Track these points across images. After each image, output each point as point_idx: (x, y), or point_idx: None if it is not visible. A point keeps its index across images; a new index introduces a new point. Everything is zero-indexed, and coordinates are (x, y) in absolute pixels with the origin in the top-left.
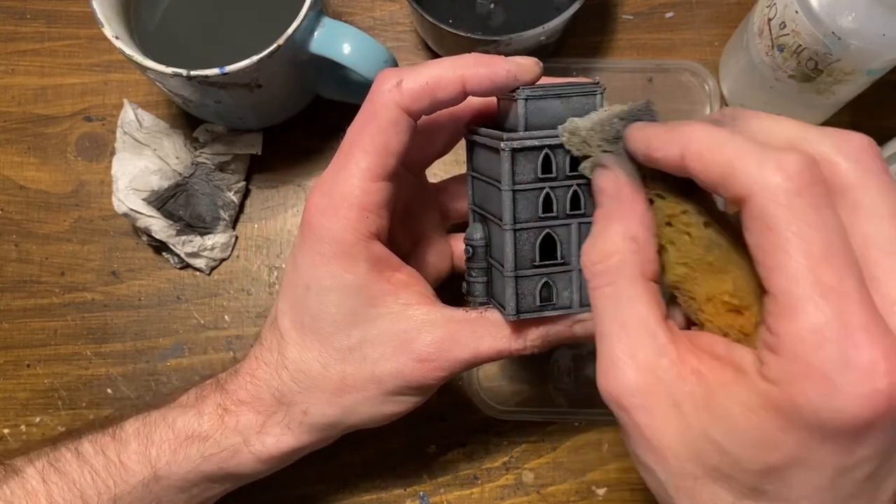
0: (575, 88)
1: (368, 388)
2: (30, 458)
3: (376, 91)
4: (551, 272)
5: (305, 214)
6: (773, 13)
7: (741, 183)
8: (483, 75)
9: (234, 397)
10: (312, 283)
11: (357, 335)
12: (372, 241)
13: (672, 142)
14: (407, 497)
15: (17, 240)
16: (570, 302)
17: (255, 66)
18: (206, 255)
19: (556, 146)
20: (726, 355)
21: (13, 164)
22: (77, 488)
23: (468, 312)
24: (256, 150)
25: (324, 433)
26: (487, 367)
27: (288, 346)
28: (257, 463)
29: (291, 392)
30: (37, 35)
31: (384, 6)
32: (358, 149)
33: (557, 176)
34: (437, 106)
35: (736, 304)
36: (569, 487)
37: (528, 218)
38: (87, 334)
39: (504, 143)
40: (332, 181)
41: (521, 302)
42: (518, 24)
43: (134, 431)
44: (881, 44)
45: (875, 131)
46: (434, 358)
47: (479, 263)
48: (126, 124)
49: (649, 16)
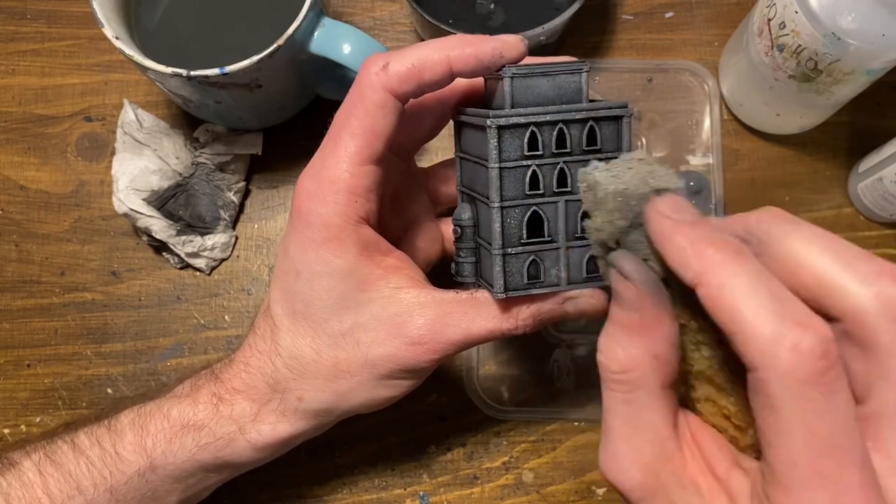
0: (560, 67)
1: (362, 372)
2: (26, 451)
3: (363, 75)
4: (539, 250)
5: (295, 200)
6: (773, 13)
7: (750, 352)
8: (469, 55)
9: (228, 386)
10: (303, 269)
11: (349, 320)
12: (361, 225)
13: (692, 261)
14: (407, 497)
15: (17, 240)
16: (558, 280)
17: (255, 66)
18: (206, 255)
19: (542, 123)
20: (725, 479)
21: (13, 164)
22: (73, 479)
23: (459, 294)
24: (256, 150)
25: (319, 419)
26: (487, 367)
27: (281, 334)
28: (253, 451)
29: (285, 379)
30: (37, 35)
31: (384, 6)
32: (345, 133)
33: (544, 153)
34: (424, 88)
35: (734, 423)
36: (569, 487)
37: (514, 195)
38: (87, 334)
39: (490, 119)
40: (321, 166)
41: (509, 280)
42: (518, 24)
43: (129, 422)
44: (881, 44)
45: (875, 131)
46: (426, 340)
47: (468, 244)
48: (126, 124)
49: (649, 16)
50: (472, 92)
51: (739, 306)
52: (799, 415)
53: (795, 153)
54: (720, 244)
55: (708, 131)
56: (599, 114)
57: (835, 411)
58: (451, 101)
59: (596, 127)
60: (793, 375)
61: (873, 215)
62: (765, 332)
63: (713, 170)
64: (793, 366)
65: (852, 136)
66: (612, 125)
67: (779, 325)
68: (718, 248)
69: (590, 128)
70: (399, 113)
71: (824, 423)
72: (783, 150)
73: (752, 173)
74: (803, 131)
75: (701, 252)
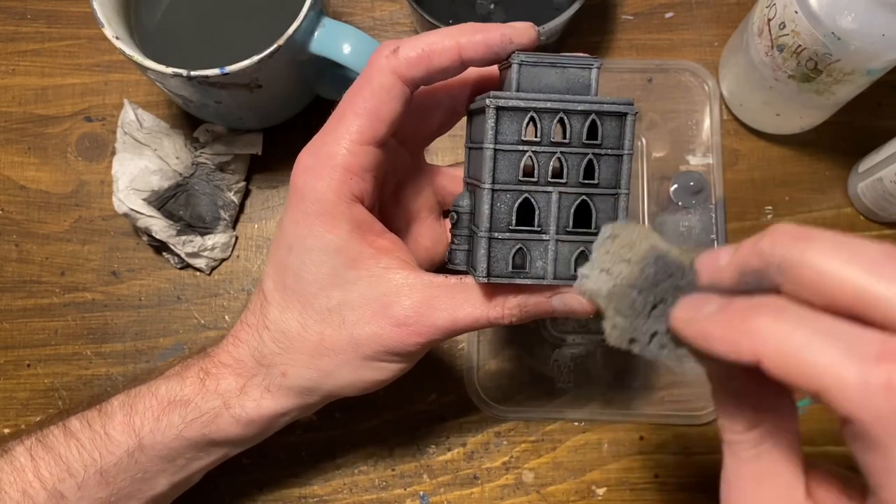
0: (571, 60)
1: (346, 351)
2: (20, 438)
3: (373, 58)
4: (526, 238)
5: (293, 175)
6: (773, 13)
7: (842, 404)
8: (479, 41)
9: (215, 360)
10: (295, 242)
11: (337, 297)
12: (354, 203)
13: (743, 344)
14: (407, 497)
15: (17, 240)
16: (544, 273)
17: (255, 67)
18: (207, 255)
19: (543, 110)
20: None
21: (13, 164)
22: (63, 462)
23: (448, 278)
24: (256, 150)
25: (303, 397)
26: (487, 367)
27: (270, 307)
28: (238, 427)
29: (271, 353)
30: (37, 35)
31: (384, 6)
32: (349, 112)
33: (542, 141)
34: (433, 74)
35: None
36: (569, 487)
37: (507, 180)
38: (87, 334)
39: (490, 100)
40: (321, 142)
41: (493, 266)
42: None
43: (119, 404)
44: (881, 44)
45: (875, 131)
46: (412, 322)
47: (463, 231)
48: (126, 124)
49: (649, 16)
50: (484, 84)
51: (812, 363)
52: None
53: (795, 153)
54: (757, 309)
55: (708, 131)
56: (603, 108)
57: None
58: (461, 95)
59: (598, 121)
60: (892, 418)
61: (873, 215)
62: (849, 379)
63: (713, 170)
64: (890, 409)
65: (852, 136)
66: (615, 121)
67: (860, 366)
68: (760, 315)
69: (591, 121)
70: (406, 99)
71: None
72: (783, 150)
73: (752, 173)
74: (803, 131)
75: (747, 331)
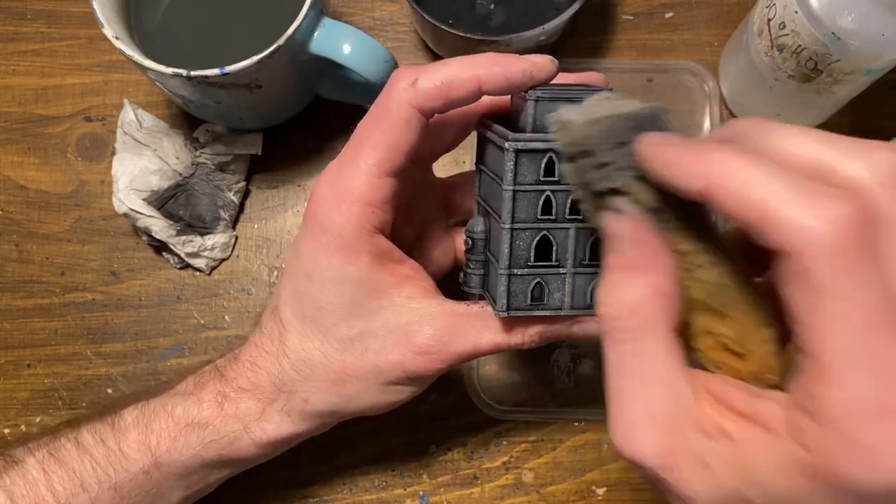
0: (586, 92)
1: (368, 377)
2: (30, 449)
3: (391, 88)
4: (545, 273)
5: (310, 204)
6: (773, 13)
7: (782, 236)
8: (498, 74)
9: (233, 384)
10: (314, 273)
11: (358, 326)
12: (375, 234)
13: (696, 171)
14: (407, 497)
15: (17, 240)
16: (561, 304)
17: (255, 67)
18: (206, 255)
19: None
20: (751, 412)
21: (13, 164)
22: (77, 477)
23: (469, 306)
24: (256, 150)
25: (323, 420)
26: (487, 367)
27: (289, 335)
28: (257, 449)
29: (292, 380)
30: (37, 35)
31: (384, 6)
32: (367, 144)
33: (560, 179)
34: (451, 105)
35: (735, 350)
36: (569, 487)
37: (526, 218)
38: (87, 334)
39: (509, 143)
40: (339, 174)
41: (513, 300)
42: (518, 24)
43: (133, 420)
44: (881, 44)
45: (875, 131)
46: (435, 350)
47: (478, 256)
48: (126, 124)
49: (649, 16)
50: (496, 106)
51: (761, 194)
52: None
53: None
54: (719, 147)
55: (708, 131)
56: None
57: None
58: (474, 113)
59: None
60: (831, 248)
61: None
62: (795, 209)
63: None
64: (830, 239)
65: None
66: None
67: (808, 199)
68: (719, 150)
69: None
70: (423, 128)
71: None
72: None
73: None
74: None
75: (704, 159)
